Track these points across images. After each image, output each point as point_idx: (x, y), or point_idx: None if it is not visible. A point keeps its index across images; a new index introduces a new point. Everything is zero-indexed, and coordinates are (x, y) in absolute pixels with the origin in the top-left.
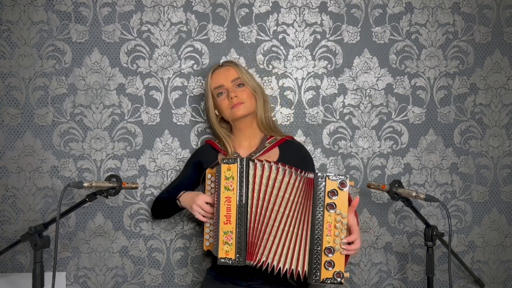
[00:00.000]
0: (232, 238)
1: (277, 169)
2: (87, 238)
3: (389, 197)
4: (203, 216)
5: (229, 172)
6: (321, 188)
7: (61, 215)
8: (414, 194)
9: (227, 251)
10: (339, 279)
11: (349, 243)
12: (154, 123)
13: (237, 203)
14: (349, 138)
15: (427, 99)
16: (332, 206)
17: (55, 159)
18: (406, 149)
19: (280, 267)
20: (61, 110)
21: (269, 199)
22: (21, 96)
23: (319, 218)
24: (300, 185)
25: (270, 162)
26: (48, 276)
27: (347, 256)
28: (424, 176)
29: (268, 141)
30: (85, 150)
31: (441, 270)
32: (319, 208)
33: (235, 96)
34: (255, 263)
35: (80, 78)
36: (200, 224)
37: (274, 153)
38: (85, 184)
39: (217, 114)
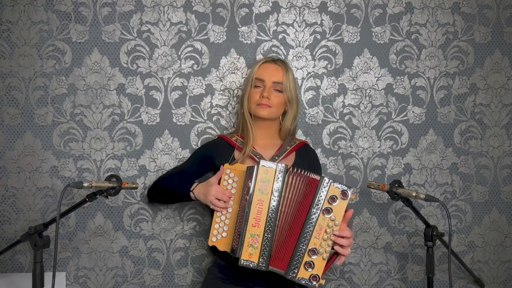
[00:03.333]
0: (258, 242)
1: (295, 174)
2: (87, 238)
3: (389, 197)
4: (222, 206)
5: (266, 175)
6: (323, 191)
7: (61, 215)
8: (414, 194)
9: (251, 254)
10: (314, 283)
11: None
12: (154, 123)
13: (269, 208)
14: (349, 138)
15: (427, 99)
16: (328, 211)
17: (55, 159)
18: (406, 149)
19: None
20: (61, 110)
21: (293, 206)
22: (21, 96)
23: (313, 219)
24: (303, 185)
25: (304, 172)
26: (48, 276)
27: (328, 265)
28: (424, 176)
29: (289, 144)
30: (85, 150)
31: (441, 270)
32: (316, 209)
33: (267, 97)
34: (280, 270)
35: (80, 78)
36: (200, 224)
37: (291, 157)
38: (85, 184)
39: None
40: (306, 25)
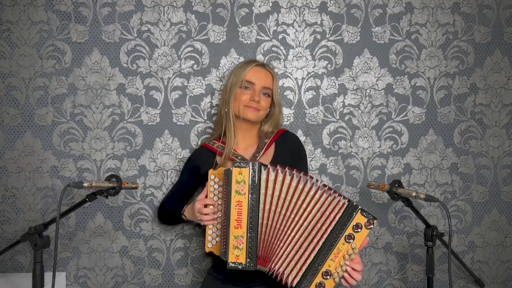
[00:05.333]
0: (243, 243)
1: (292, 175)
2: (87, 238)
3: (389, 197)
4: (209, 218)
5: (240, 176)
6: (349, 217)
7: (61, 215)
8: (414, 194)
9: (237, 256)
10: None
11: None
12: (154, 123)
13: (249, 207)
14: (349, 138)
15: (427, 99)
16: (350, 237)
17: (55, 159)
18: (406, 149)
19: (275, 270)
20: (61, 110)
21: (282, 205)
22: (21, 96)
23: (333, 242)
24: (325, 202)
25: (284, 168)
26: (48, 276)
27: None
28: (424, 176)
29: (266, 137)
30: (85, 150)
31: (441, 270)
32: (339, 234)
33: (257, 101)
34: (266, 269)
35: (80, 78)
36: (200, 224)
37: (271, 150)
38: (85, 184)
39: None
40: (306, 25)
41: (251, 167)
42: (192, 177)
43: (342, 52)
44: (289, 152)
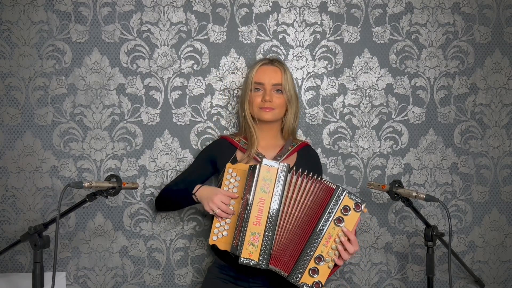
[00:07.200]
0: (258, 240)
1: (309, 179)
2: (87, 238)
3: (389, 197)
4: (223, 210)
5: (268, 174)
6: (337, 201)
7: (61, 215)
8: (414, 194)
9: (251, 252)
10: None
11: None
12: (154, 123)
13: (270, 206)
14: (349, 138)
15: (427, 99)
16: (340, 220)
17: (55, 159)
18: (406, 149)
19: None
20: (61, 110)
21: (294, 205)
22: (21, 96)
23: (323, 226)
24: (317, 191)
25: (305, 171)
26: (48, 276)
27: (330, 273)
28: (424, 176)
29: (290, 144)
30: (85, 150)
31: (441, 270)
32: (328, 217)
33: (269, 101)
34: (279, 269)
35: (80, 78)
36: (200, 224)
37: (293, 158)
38: (85, 184)
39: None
40: (306, 25)
41: (280, 167)
42: (206, 166)
43: (342, 52)
44: (309, 165)
